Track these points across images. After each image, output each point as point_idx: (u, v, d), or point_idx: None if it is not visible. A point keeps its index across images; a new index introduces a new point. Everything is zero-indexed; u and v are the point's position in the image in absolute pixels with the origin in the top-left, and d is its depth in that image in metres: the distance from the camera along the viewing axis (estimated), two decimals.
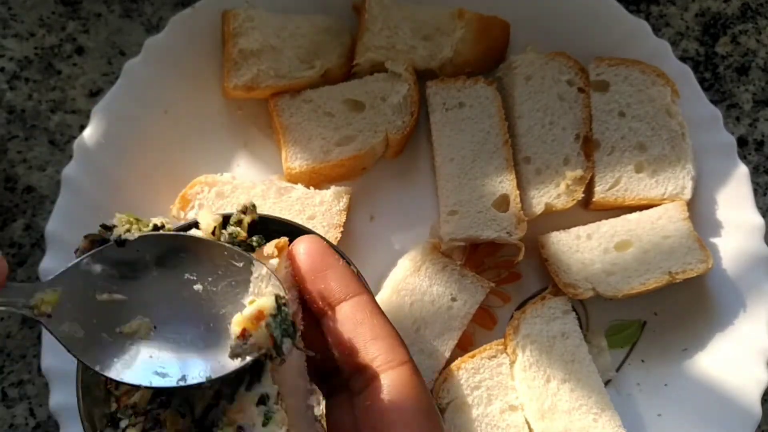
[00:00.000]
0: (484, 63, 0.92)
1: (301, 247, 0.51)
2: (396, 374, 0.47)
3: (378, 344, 0.48)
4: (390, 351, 0.48)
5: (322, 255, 0.51)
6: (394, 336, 0.49)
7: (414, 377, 0.48)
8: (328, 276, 0.50)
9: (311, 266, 0.50)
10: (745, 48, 1.01)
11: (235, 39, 0.86)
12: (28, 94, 0.93)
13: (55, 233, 0.80)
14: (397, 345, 0.49)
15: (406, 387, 0.47)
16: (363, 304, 0.49)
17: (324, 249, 0.51)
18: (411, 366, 0.48)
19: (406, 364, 0.48)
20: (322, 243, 0.52)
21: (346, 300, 0.49)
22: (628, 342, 0.86)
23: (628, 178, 0.87)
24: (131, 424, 0.54)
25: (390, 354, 0.48)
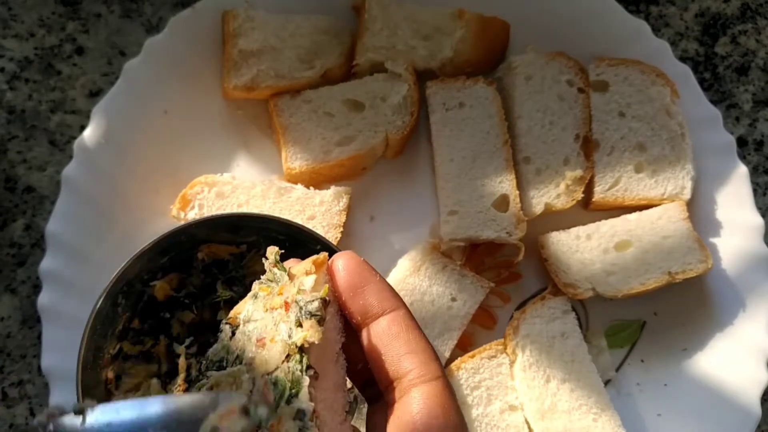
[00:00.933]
0: (484, 63, 0.92)
1: (340, 263, 0.52)
2: (428, 388, 0.48)
3: (412, 358, 0.49)
4: (423, 365, 0.49)
5: (360, 271, 0.52)
6: (428, 351, 0.50)
7: (445, 392, 0.48)
8: (365, 292, 0.51)
9: (350, 282, 0.51)
10: (745, 48, 1.01)
11: (235, 39, 0.86)
12: (28, 95, 0.93)
13: (55, 233, 0.80)
14: (430, 360, 0.49)
15: (437, 402, 0.47)
16: (399, 319, 0.50)
17: (361, 265, 0.52)
18: (443, 382, 0.49)
19: (438, 379, 0.48)
20: (359, 259, 0.53)
21: (384, 315, 0.50)
22: (628, 342, 0.86)
23: (628, 179, 0.87)
24: None
25: (423, 368, 0.48)
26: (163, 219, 0.83)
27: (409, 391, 0.48)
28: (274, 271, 0.52)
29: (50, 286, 0.79)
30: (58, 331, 0.78)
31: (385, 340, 0.50)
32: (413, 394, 0.48)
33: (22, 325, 0.85)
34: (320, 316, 0.48)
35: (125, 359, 0.68)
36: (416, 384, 0.48)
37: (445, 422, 0.47)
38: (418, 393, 0.47)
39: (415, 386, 0.48)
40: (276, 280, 0.52)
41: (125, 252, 0.67)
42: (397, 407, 0.48)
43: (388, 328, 0.50)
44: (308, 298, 0.48)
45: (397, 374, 0.49)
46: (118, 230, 0.83)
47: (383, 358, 0.49)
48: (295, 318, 0.48)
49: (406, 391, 0.48)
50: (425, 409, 0.47)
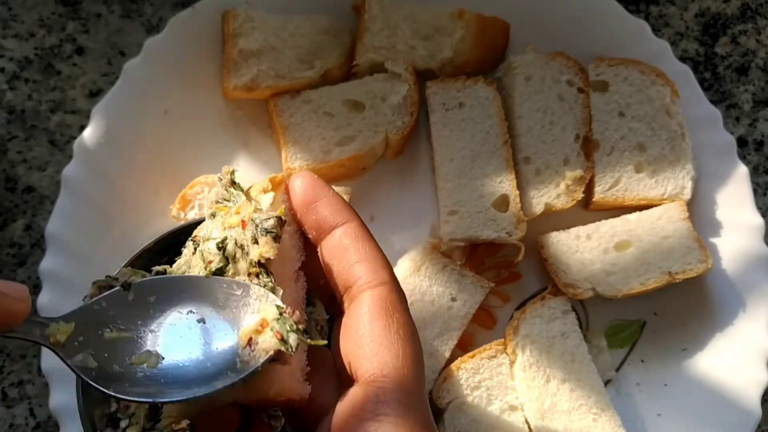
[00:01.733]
0: (484, 63, 0.92)
1: (296, 182, 0.54)
2: (374, 293, 0.49)
3: (361, 266, 0.50)
4: (371, 271, 0.50)
5: (314, 187, 0.53)
6: (377, 259, 0.51)
7: (391, 296, 0.49)
8: (318, 207, 0.52)
9: (304, 198, 0.53)
10: (745, 48, 1.01)
11: (235, 39, 0.86)
12: (28, 95, 0.93)
13: (55, 233, 0.80)
14: (379, 267, 0.50)
15: (382, 305, 0.48)
16: (351, 230, 0.52)
17: (315, 181, 0.54)
18: (390, 286, 0.50)
19: (385, 284, 0.49)
20: (313, 176, 0.54)
21: (337, 227, 0.52)
22: (628, 342, 0.86)
23: (628, 178, 0.87)
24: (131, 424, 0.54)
25: (371, 274, 0.50)
26: (163, 219, 0.83)
27: (357, 296, 0.49)
28: (231, 190, 0.54)
29: (50, 286, 0.79)
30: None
31: (338, 252, 0.51)
32: (361, 299, 0.49)
33: None
34: (275, 234, 0.50)
35: None
36: (364, 289, 0.49)
37: (388, 323, 0.48)
38: (365, 298, 0.49)
39: (363, 291, 0.49)
40: (233, 199, 0.54)
41: (125, 252, 0.66)
42: (348, 315, 0.50)
43: (339, 240, 0.51)
44: (264, 216, 0.50)
45: (348, 283, 0.50)
46: (118, 230, 0.83)
47: (336, 269, 0.51)
48: (251, 235, 0.50)
49: (354, 297, 0.49)
50: (369, 313, 0.48)
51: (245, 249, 0.50)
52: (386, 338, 0.47)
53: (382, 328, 0.47)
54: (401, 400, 0.45)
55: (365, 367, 0.46)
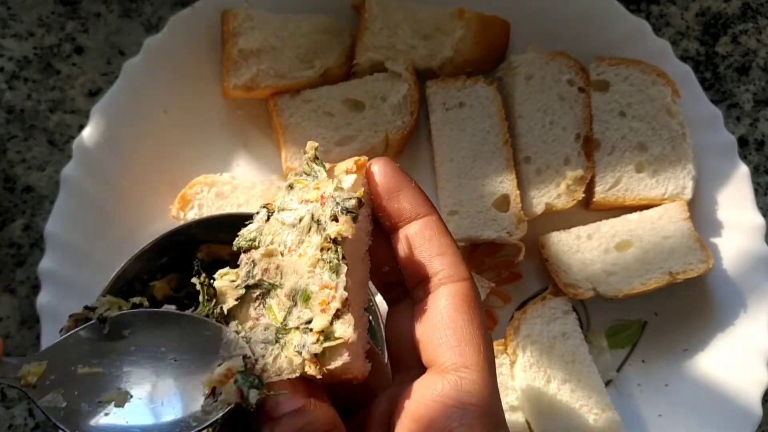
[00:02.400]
0: (485, 63, 0.92)
1: (377, 167, 0.54)
2: (456, 287, 0.49)
3: (443, 259, 0.51)
4: (453, 266, 0.50)
5: (396, 176, 0.54)
6: (458, 255, 0.51)
7: (472, 292, 0.50)
8: (401, 196, 0.53)
9: (387, 185, 0.53)
10: (746, 48, 1.00)
11: (235, 39, 0.86)
12: (27, 94, 0.93)
13: (54, 233, 0.80)
14: (460, 263, 0.51)
15: (464, 299, 0.49)
16: (432, 224, 0.52)
17: (397, 170, 0.54)
18: (471, 283, 0.50)
19: (467, 280, 0.50)
20: (395, 165, 0.55)
21: (417, 219, 0.52)
22: (629, 342, 0.86)
23: (629, 178, 0.87)
24: None
25: (452, 269, 0.50)
26: (163, 219, 0.83)
27: (438, 288, 0.50)
28: (312, 165, 0.54)
29: (49, 286, 0.79)
30: (57, 331, 0.77)
31: (418, 242, 0.51)
32: (442, 291, 0.49)
33: (20, 325, 0.85)
34: (355, 214, 0.50)
35: None
36: (445, 282, 0.50)
37: (471, 317, 0.48)
38: (447, 290, 0.49)
39: (444, 284, 0.50)
40: (313, 174, 0.54)
41: (125, 252, 0.66)
42: (426, 304, 0.50)
43: (421, 231, 0.52)
44: (345, 195, 0.51)
45: (427, 273, 0.51)
46: (117, 230, 0.83)
47: (415, 258, 0.51)
48: (330, 212, 0.50)
49: (435, 288, 0.50)
50: (452, 305, 0.49)
51: (321, 224, 0.51)
52: (468, 332, 0.48)
53: (465, 321, 0.48)
54: (483, 394, 0.46)
55: (447, 355, 0.47)
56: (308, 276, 0.50)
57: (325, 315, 0.48)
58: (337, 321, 0.48)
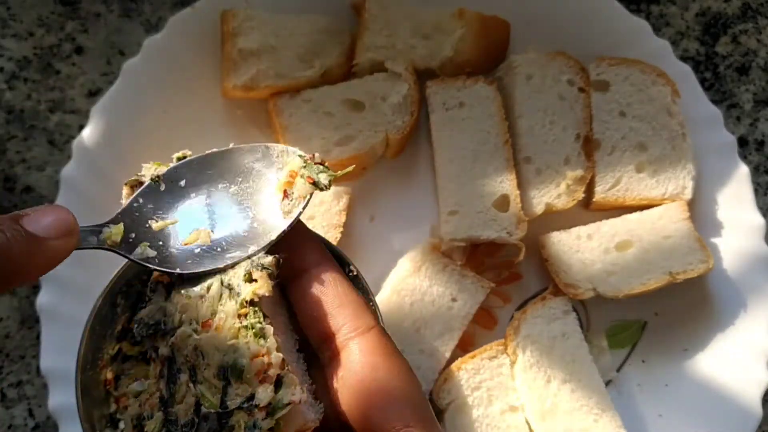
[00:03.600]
0: (485, 62, 0.91)
1: None
2: (365, 340, 0.47)
3: (343, 311, 0.48)
4: (356, 318, 0.48)
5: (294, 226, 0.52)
6: (359, 303, 0.49)
7: (383, 340, 0.47)
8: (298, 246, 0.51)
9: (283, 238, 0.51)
10: (746, 48, 1.00)
11: (235, 39, 0.86)
12: (27, 94, 0.93)
13: None
14: (362, 312, 0.48)
15: (378, 352, 0.46)
16: (327, 274, 0.50)
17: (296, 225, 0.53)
18: (378, 330, 0.48)
19: (373, 329, 0.48)
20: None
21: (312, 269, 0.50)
22: (629, 342, 0.86)
23: (629, 178, 0.87)
24: None
25: (356, 321, 0.47)
26: None
27: (347, 345, 0.47)
28: None
29: (49, 286, 0.79)
30: (57, 331, 0.77)
31: (314, 296, 0.49)
32: (352, 348, 0.47)
33: (20, 325, 0.85)
34: (271, 271, 0.49)
35: (124, 360, 0.68)
36: (352, 338, 0.47)
37: (390, 369, 0.46)
38: (357, 346, 0.47)
39: (352, 339, 0.47)
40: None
41: None
42: (339, 364, 0.47)
43: (316, 284, 0.49)
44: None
45: (329, 329, 0.48)
46: None
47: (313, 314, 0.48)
48: (244, 273, 0.48)
49: (344, 345, 0.47)
50: (368, 362, 0.46)
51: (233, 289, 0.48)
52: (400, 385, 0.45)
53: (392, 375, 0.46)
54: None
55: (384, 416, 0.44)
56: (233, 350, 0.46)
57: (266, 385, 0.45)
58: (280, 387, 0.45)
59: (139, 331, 0.50)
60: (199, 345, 0.47)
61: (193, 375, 0.47)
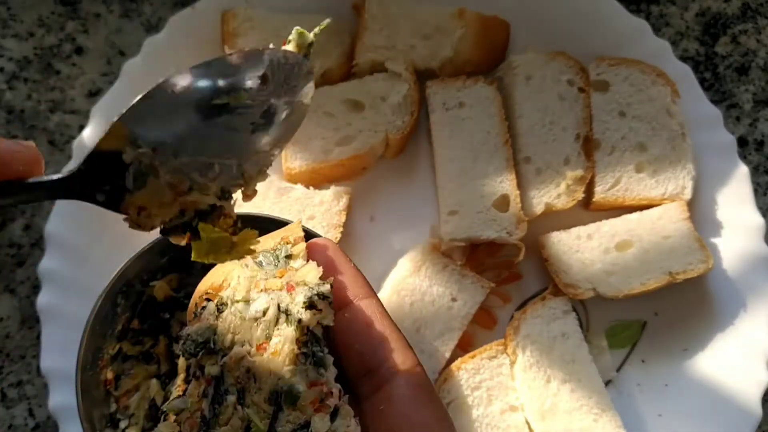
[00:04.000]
0: (485, 62, 0.92)
1: (318, 245, 0.51)
2: (410, 377, 0.46)
3: (388, 346, 0.47)
4: (400, 353, 0.47)
5: (336, 254, 0.51)
6: (402, 338, 0.48)
7: (426, 379, 0.47)
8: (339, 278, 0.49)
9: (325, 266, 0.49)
10: (746, 48, 1.00)
11: (235, 39, 0.86)
12: (27, 94, 0.93)
13: (54, 233, 0.80)
14: (406, 348, 0.47)
15: (422, 390, 0.46)
16: (372, 307, 0.48)
17: (337, 250, 0.51)
18: (422, 369, 0.47)
19: (418, 366, 0.47)
20: (335, 245, 0.52)
21: (355, 302, 0.49)
22: (629, 342, 0.86)
23: (629, 178, 0.87)
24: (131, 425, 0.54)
25: (401, 356, 0.46)
26: None
27: (391, 380, 0.46)
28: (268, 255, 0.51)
29: (49, 286, 0.79)
30: (58, 331, 0.77)
31: (359, 328, 0.48)
32: (397, 383, 0.46)
33: (21, 325, 0.85)
34: (330, 299, 0.46)
35: (125, 360, 0.68)
36: (396, 373, 0.46)
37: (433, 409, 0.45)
38: (402, 381, 0.45)
39: (396, 375, 0.46)
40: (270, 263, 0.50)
41: (125, 252, 0.66)
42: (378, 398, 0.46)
43: (361, 317, 0.48)
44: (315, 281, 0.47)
45: (372, 363, 0.47)
46: (117, 230, 0.82)
47: (357, 347, 0.47)
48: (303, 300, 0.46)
49: (386, 380, 0.46)
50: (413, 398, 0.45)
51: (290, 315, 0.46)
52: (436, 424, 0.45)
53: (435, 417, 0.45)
54: None
55: None
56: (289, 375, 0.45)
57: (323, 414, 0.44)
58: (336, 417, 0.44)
59: (187, 348, 0.47)
60: (252, 367, 0.45)
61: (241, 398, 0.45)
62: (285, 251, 0.51)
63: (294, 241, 0.51)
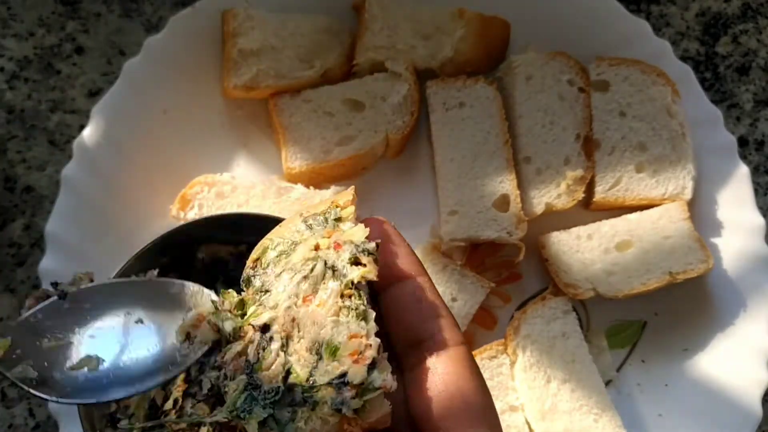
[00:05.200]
0: (485, 62, 0.92)
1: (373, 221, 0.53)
2: (455, 352, 0.47)
3: (437, 322, 0.48)
4: (449, 329, 0.48)
5: (392, 232, 0.52)
6: (451, 317, 0.49)
7: (471, 357, 0.48)
8: (393, 255, 0.51)
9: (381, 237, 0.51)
10: (746, 48, 1.00)
11: (235, 39, 0.86)
12: (27, 94, 0.93)
13: (54, 233, 0.80)
14: (454, 325, 0.49)
15: (465, 365, 0.47)
16: (425, 284, 0.50)
17: (392, 230, 0.53)
18: (467, 347, 0.48)
19: (464, 344, 0.48)
20: (390, 224, 0.54)
21: (413, 277, 0.50)
22: (629, 342, 0.86)
23: (629, 178, 0.87)
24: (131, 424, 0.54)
25: (449, 332, 0.48)
26: (163, 219, 0.83)
27: (437, 354, 0.47)
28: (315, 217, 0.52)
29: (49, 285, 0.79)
30: None
31: (410, 302, 0.49)
32: (441, 357, 0.47)
33: None
34: (376, 256, 0.48)
35: None
36: (444, 348, 0.47)
37: (474, 384, 0.46)
38: (447, 356, 0.47)
39: (442, 349, 0.47)
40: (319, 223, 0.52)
41: (125, 252, 0.66)
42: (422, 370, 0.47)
43: (413, 292, 0.49)
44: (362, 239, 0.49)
45: (421, 336, 0.48)
46: (117, 230, 0.83)
47: (407, 320, 0.49)
48: (349, 256, 0.48)
49: (433, 353, 0.47)
50: (456, 372, 0.46)
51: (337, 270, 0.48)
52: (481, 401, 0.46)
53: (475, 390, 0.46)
54: None
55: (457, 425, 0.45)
56: (332, 327, 0.47)
57: (360, 366, 0.45)
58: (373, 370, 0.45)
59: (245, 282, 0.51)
60: (297, 317, 0.48)
61: (285, 346, 0.48)
62: (334, 214, 0.52)
63: (344, 204, 0.53)
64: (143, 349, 0.50)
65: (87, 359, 0.50)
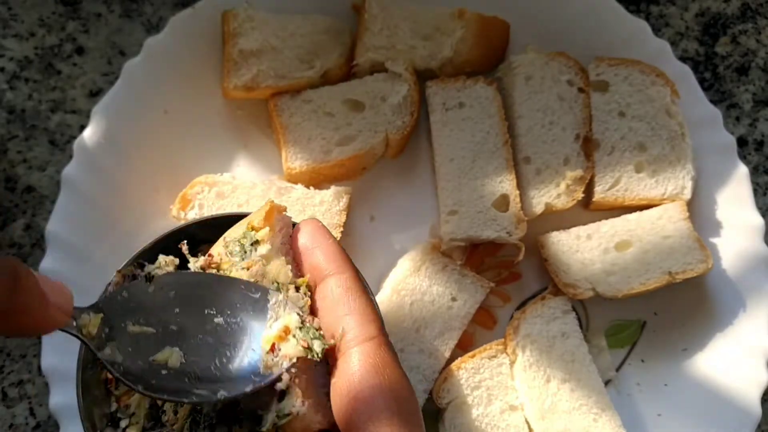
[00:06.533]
0: (484, 63, 0.92)
1: (301, 226, 0.55)
2: (364, 348, 0.48)
3: (350, 320, 0.49)
4: (360, 326, 0.49)
5: (314, 233, 0.54)
6: (366, 312, 0.50)
7: (380, 350, 0.49)
8: (315, 253, 0.53)
9: (303, 243, 0.53)
10: (745, 48, 1.01)
11: (235, 39, 0.86)
12: (28, 94, 0.93)
13: (55, 233, 0.80)
14: (368, 321, 0.50)
15: (372, 362, 0.48)
16: (343, 281, 0.51)
17: (317, 228, 0.54)
18: (378, 341, 0.49)
19: (373, 339, 0.49)
20: (318, 224, 0.55)
21: (329, 277, 0.51)
22: (628, 342, 0.86)
23: (628, 178, 0.87)
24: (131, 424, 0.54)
25: (357, 330, 0.49)
26: (163, 219, 0.83)
27: (347, 352, 0.49)
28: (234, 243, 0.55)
29: None
30: (58, 331, 0.77)
31: (328, 303, 0.51)
32: (350, 355, 0.48)
33: None
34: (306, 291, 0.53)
35: None
36: (351, 345, 0.49)
37: (380, 380, 0.47)
38: (356, 353, 0.48)
39: (350, 348, 0.49)
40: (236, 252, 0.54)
41: (125, 252, 0.66)
42: (338, 368, 0.49)
43: (330, 291, 0.51)
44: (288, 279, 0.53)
45: (335, 337, 0.50)
46: (118, 230, 0.83)
47: (325, 320, 0.51)
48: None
49: (344, 352, 0.49)
50: (361, 369, 0.47)
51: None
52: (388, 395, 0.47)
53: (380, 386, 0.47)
54: None
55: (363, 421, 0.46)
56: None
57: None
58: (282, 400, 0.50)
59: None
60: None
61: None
62: (250, 239, 0.54)
63: (258, 225, 0.54)
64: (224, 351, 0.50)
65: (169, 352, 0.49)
